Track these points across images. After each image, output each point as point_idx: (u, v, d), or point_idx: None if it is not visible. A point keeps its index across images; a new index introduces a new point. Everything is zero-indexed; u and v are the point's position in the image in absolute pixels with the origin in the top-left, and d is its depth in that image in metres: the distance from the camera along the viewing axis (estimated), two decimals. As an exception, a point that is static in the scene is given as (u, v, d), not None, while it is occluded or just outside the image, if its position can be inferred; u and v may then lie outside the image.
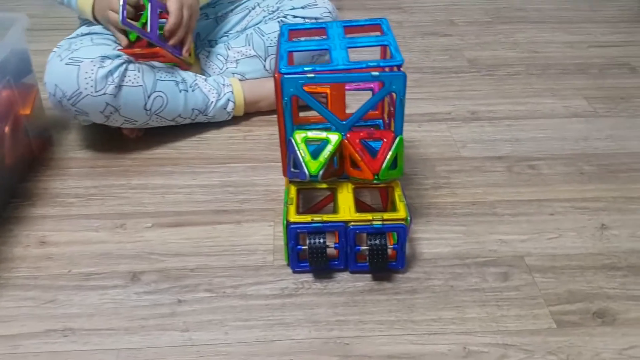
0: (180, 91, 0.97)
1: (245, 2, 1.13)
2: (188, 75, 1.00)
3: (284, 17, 1.08)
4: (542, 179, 0.92)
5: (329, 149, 0.71)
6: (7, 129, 0.87)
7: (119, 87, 0.90)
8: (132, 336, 0.67)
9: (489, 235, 0.81)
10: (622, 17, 1.48)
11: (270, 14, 1.10)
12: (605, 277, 0.74)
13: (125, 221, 0.84)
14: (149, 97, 0.93)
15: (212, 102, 1.01)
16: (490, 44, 1.35)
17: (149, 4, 0.92)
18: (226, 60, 1.06)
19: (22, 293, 0.73)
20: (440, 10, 1.54)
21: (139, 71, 0.92)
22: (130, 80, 0.91)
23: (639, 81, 1.19)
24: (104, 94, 0.89)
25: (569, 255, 0.77)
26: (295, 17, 1.07)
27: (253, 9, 1.12)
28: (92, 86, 0.88)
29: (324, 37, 0.75)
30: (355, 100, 0.72)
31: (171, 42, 0.95)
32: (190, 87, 0.99)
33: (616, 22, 1.44)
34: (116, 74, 0.89)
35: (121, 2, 0.89)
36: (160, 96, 0.95)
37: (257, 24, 1.10)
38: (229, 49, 1.07)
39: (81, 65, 0.88)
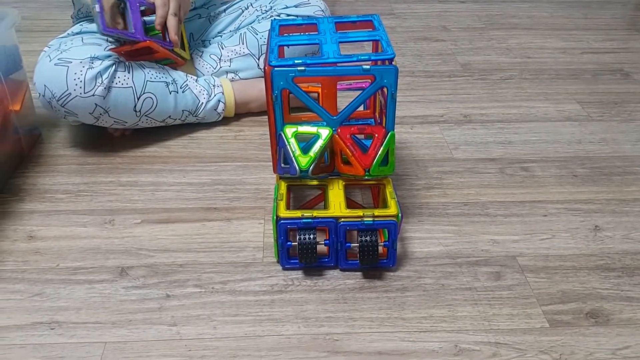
0: (170, 92, 0.97)
1: (238, 2, 1.13)
2: (179, 76, 0.99)
3: (278, 16, 1.09)
4: (535, 181, 0.91)
5: (319, 143, 0.70)
6: (-4, 123, 0.86)
7: (109, 88, 0.89)
8: (119, 329, 0.66)
9: (481, 235, 0.80)
10: (615, 24, 1.49)
11: (263, 13, 1.10)
12: (598, 277, 0.74)
13: (114, 217, 0.83)
14: (138, 98, 0.93)
15: (202, 103, 1.01)
16: (483, 49, 1.35)
17: (127, 3, 0.90)
18: (219, 59, 1.06)
19: (9, 286, 0.72)
20: (432, 16, 1.54)
21: (128, 72, 0.92)
22: (119, 82, 0.90)
23: (632, 87, 1.20)
24: (93, 95, 0.88)
25: (562, 255, 0.77)
26: (288, 15, 1.08)
27: (246, 9, 1.12)
28: (80, 87, 0.87)
29: (315, 32, 0.75)
30: (347, 102, 0.71)
31: (171, 34, 0.94)
32: (181, 88, 0.98)
33: (609, 30, 1.45)
34: (105, 75, 0.89)
35: (97, 9, 0.86)
36: (150, 97, 0.94)
37: (250, 24, 1.10)
38: (223, 48, 1.07)
39: (70, 66, 0.87)
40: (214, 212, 0.84)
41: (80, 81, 0.87)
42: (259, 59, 1.07)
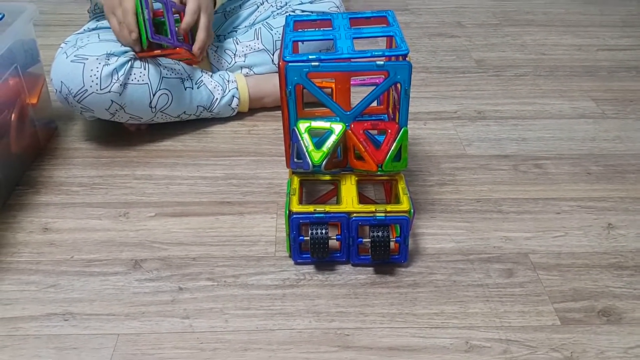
0: (185, 88, 0.97)
1: None
2: (194, 72, 1.00)
3: (292, 12, 1.09)
4: (548, 178, 0.91)
5: (332, 138, 0.70)
6: (13, 116, 0.87)
7: (124, 85, 0.90)
8: (132, 322, 0.67)
9: (494, 232, 0.80)
10: (631, 21, 1.47)
11: (278, 9, 1.10)
12: (611, 276, 0.73)
13: (128, 210, 0.84)
14: (154, 94, 0.93)
15: (217, 98, 1.01)
16: (498, 46, 1.34)
17: (165, 7, 0.90)
18: (234, 54, 1.07)
19: (24, 277, 0.73)
20: (447, 12, 1.54)
21: (144, 69, 0.92)
22: (135, 78, 0.91)
23: (647, 84, 1.18)
24: (109, 91, 0.89)
25: (574, 253, 0.77)
26: (303, 12, 1.08)
27: (262, 4, 1.12)
28: (97, 84, 0.88)
29: (330, 28, 0.75)
30: (360, 98, 0.71)
31: (197, 49, 0.93)
32: (196, 84, 0.99)
33: (625, 27, 1.44)
34: (121, 72, 0.89)
35: (146, 17, 0.87)
36: (166, 94, 0.95)
37: (265, 19, 1.10)
38: (238, 44, 1.07)
39: (86, 63, 0.88)
40: (227, 206, 0.85)
41: (97, 77, 0.88)
42: (273, 55, 1.07)
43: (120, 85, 0.89)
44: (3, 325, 0.66)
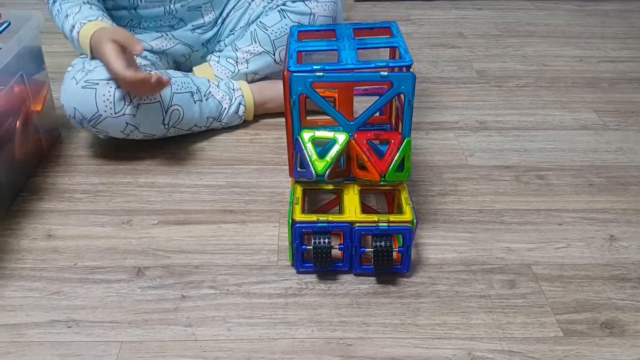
0: (195, 102, 0.98)
1: None
2: (202, 83, 1.00)
3: (284, 4, 1.05)
4: (550, 189, 0.91)
5: (336, 148, 0.71)
6: (18, 123, 0.87)
7: (137, 105, 0.90)
8: (135, 329, 0.67)
9: (496, 242, 0.80)
10: (633, 33, 1.48)
11: (269, 3, 1.08)
12: (614, 287, 0.73)
13: (131, 218, 0.84)
14: (166, 111, 0.94)
15: (225, 108, 1.02)
16: (500, 57, 1.35)
17: None
18: (236, 62, 1.07)
19: (27, 284, 0.73)
20: (449, 23, 1.54)
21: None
22: (147, 97, 0.91)
23: (649, 96, 1.19)
24: (124, 114, 0.89)
25: (577, 265, 0.77)
26: (294, 1, 1.04)
27: (253, 1, 1.10)
28: (111, 108, 0.88)
29: (334, 38, 0.76)
30: (363, 107, 0.72)
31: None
32: (204, 95, 0.99)
33: (626, 38, 1.44)
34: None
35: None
36: (177, 109, 0.95)
37: (258, 17, 1.08)
38: (237, 50, 1.07)
39: (98, 88, 0.88)
40: (230, 215, 0.85)
41: (110, 102, 0.88)
42: (274, 55, 1.06)
43: (134, 106, 0.89)
44: (7, 331, 0.67)
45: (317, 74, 0.67)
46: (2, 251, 0.78)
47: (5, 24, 0.91)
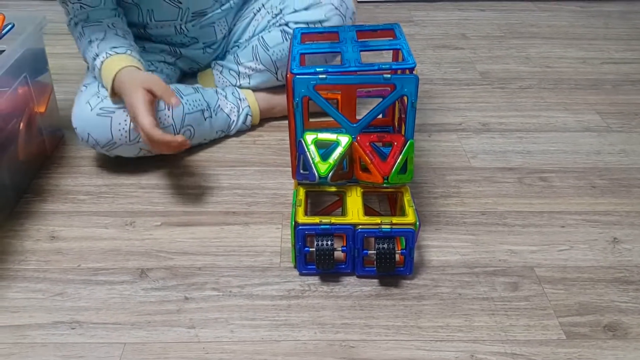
0: (205, 119, 0.97)
1: (252, 4, 1.09)
2: (211, 97, 1.00)
3: (286, 24, 1.01)
4: (553, 191, 0.91)
5: (339, 150, 0.71)
6: (21, 125, 0.88)
7: None
8: (138, 331, 0.67)
9: (499, 245, 0.80)
10: (636, 34, 1.48)
11: (273, 17, 1.05)
12: (617, 290, 0.73)
13: (134, 219, 0.84)
14: (178, 132, 0.93)
15: (233, 120, 1.02)
16: (503, 58, 1.35)
17: None
18: (238, 75, 1.06)
19: (31, 285, 0.73)
20: (452, 24, 1.54)
21: (168, 109, 0.91)
22: (160, 121, 0.89)
23: (652, 98, 1.19)
24: (139, 141, 0.88)
25: (580, 267, 0.77)
26: (297, 23, 0.99)
27: (258, 11, 1.08)
28: (126, 137, 0.88)
29: (337, 40, 0.76)
30: (366, 109, 0.72)
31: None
32: (214, 111, 0.99)
33: (629, 40, 1.44)
34: None
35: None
36: (189, 129, 0.95)
37: (262, 31, 1.06)
38: (239, 64, 1.05)
39: (113, 117, 0.87)
40: (233, 216, 0.85)
41: (125, 131, 0.87)
42: (276, 73, 1.04)
43: None
44: (10, 332, 0.67)
45: (320, 76, 0.67)
46: (6, 252, 0.78)
47: (9, 26, 0.91)
